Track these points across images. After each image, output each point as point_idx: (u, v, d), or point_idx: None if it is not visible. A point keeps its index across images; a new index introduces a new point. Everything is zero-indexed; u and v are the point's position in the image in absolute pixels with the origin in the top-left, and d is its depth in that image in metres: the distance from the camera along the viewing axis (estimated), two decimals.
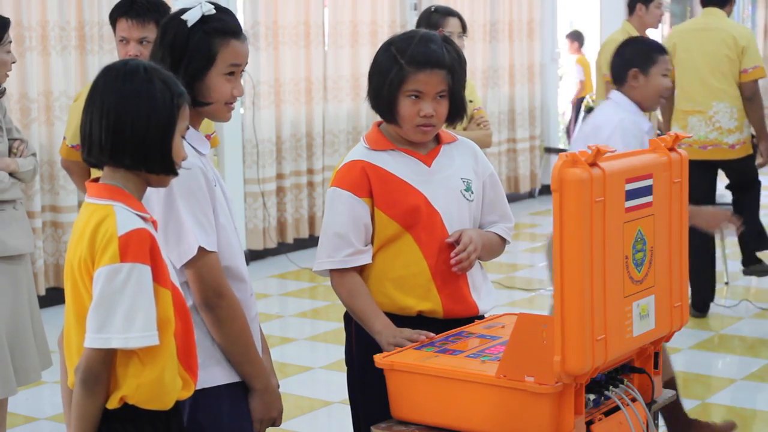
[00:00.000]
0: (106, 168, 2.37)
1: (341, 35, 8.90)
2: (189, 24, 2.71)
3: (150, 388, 2.31)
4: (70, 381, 2.38)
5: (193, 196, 2.63)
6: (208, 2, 2.75)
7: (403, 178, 2.98)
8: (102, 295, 2.25)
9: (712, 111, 6.48)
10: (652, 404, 2.75)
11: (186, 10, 2.74)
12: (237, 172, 8.21)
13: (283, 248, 8.56)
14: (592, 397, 2.53)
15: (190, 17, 2.71)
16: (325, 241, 3.00)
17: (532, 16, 10.79)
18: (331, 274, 3.01)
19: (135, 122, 2.30)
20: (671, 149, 2.68)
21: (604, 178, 2.40)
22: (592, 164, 2.39)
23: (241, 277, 2.76)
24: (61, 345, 4.19)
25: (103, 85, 2.35)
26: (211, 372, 2.68)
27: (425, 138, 3.01)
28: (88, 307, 2.28)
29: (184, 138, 2.42)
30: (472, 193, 3.04)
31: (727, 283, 7.38)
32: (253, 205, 8.36)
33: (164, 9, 4.16)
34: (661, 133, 7.15)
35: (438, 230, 2.98)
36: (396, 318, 2.94)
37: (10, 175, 4.17)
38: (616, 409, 2.61)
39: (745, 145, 6.52)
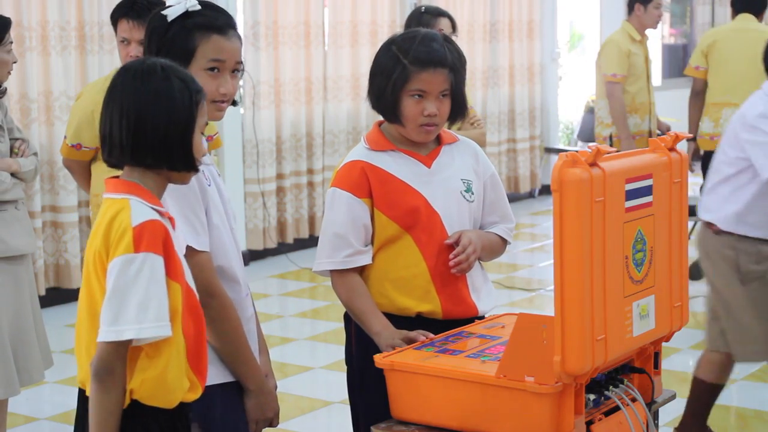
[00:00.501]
0: (126, 167, 2.38)
1: (341, 35, 8.89)
2: (169, 19, 2.69)
3: (153, 383, 2.30)
4: (80, 378, 2.38)
5: (184, 195, 2.60)
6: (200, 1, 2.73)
7: (402, 179, 2.98)
8: (116, 286, 2.25)
9: None
10: (652, 404, 2.75)
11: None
12: (237, 172, 8.21)
13: (283, 248, 8.56)
14: (592, 397, 2.53)
15: (171, 12, 2.69)
16: (324, 242, 3.00)
17: (532, 16, 10.78)
18: (331, 275, 3.01)
19: (156, 122, 2.31)
20: (671, 149, 2.69)
21: (604, 178, 2.40)
22: (592, 164, 2.39)
23: (234, 278, 2.74)
24: None
25: (122, 85, 2.35)
26: None
27: (428, 138, 3.01)
28: (99, 302, 2.28)
29: (203, 134, 2.43)
30: (473, 193, 3.04)
31: None
32: (253, 205, 8.36)
33: None
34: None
35: (438, 231, 2.98)
36: (395, 319, 2.94)
37: (12, 175, 4.17)
38: (616, 409, 2.61)
39: None
